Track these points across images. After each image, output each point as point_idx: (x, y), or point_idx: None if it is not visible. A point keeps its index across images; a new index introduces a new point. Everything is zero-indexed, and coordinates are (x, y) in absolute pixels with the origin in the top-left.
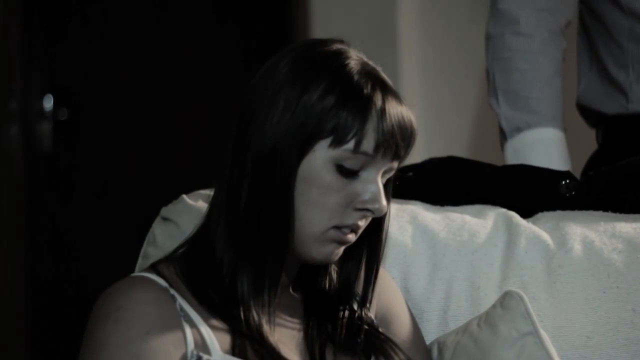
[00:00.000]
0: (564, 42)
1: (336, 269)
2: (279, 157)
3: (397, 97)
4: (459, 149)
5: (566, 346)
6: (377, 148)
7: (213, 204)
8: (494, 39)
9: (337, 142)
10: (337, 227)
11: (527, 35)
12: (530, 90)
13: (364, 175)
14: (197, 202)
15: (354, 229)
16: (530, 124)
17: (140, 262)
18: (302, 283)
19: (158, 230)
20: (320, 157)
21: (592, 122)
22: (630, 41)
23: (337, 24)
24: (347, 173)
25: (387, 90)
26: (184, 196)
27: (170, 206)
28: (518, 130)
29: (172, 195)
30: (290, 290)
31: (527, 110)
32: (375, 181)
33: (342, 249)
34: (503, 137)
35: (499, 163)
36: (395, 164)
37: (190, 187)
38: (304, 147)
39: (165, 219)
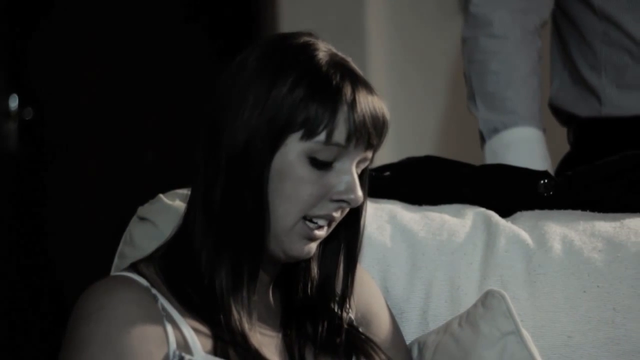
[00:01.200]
0: (539, 41)
1: (317, 269)
2: (251, 153)
3: (367, 86)
4: (428, 146)
5: (547, 345)
6: (349, 138)
7: (190, 203)
8: (468, 43)
9: (309, 135)
10: (307, 219)
11: (501, 37)
12: (505, 91)
13: (338, 166)
14: (174, 202)
15: (328, 220)
16: (506, 124)
17: (117, 262)
18: (283, 284)
19: (135, 229)
20: (293, 150)
21: (564, 122)
22: (603, 44)
23: (305, 21)
24: (321, 165)
25: (357, 81)
26: (161, 195)
27: (147, 205)
28: (495, 131)
29: (145, 195)
30: (270, 292)
31: (503, 111)
32: (349, 171)
33: (314, 244)
34: (482, 139)
35: (467, 160)
36: (369, 154)
37: (166, 186)
38: (276, 142)
39: (142, 219)
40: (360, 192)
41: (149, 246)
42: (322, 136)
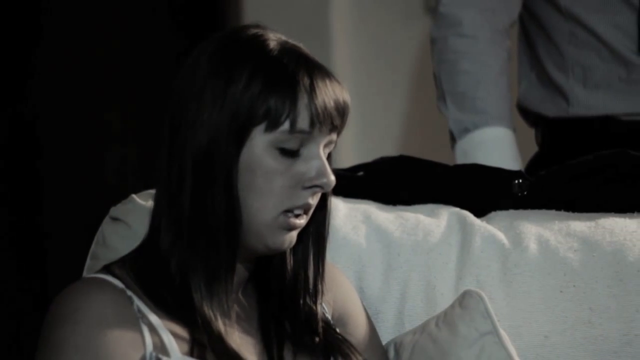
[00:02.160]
0: (508, 41)
1: (290, 256)
2: (216, 152)
3: (323, 70)
4: (394, 145)
5: (524, 346)
6: (312, 124)
7: (156, 207)
8: (438, 42)
9: (272, 126)
10: (288, 211)
11: (471, 37)
12: (476, 91)
13: (305, 152)
14: (147, 202)
15: (305, 209)
16: (477, 124)
17: (89, 263)
18: (257, 282)
19: (107, 230)
20: (259, 143)
21: (532, 123)
22: (570, 44)
23: (269, 20)
24: (289, 154)
25: (312, 65)
26: (134, 196)
27: (119, 206)
28: (466, 131)
29: (118, 196)
30: (245, 291)
31: (474, 111)
32: (318, 156)
33: (295, 233)
34: (452, 139)
35: (432, 159)
36: (334, 136)
37: (138, 187)
38: (241, 137)
39: (114, 219)
40: (332, 176)
41: (122, 247)
42: (285, 125)
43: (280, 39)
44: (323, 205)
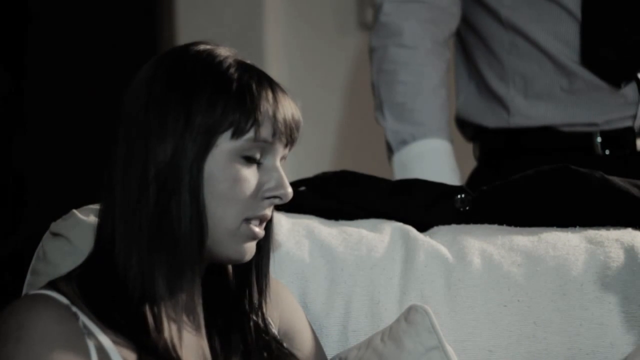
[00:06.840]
0: (448, 52)
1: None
2: (182, 160)
3: (279, 86)
4: (326, 160)
5: None
6: (274, 134)
7: (105, 220)
8: (377, 52)
9: (238, 133)
10: (248, 220)
11: (411, 47)
12: (414, 102)
13: (265, 163)
14: (89, 217)
15: (262, 219)
16: (415, 136)
17: (30, 279)
18: (204, 293)
19: (48, 245)
20: (224, 150)
21: (470, 136)
22: (511, 55)
23: (204, 35)
24: (251, 163)
25: (271, 80)
26: (75, 211)
27: (60, 221)
28: (404, 142)
29: (60, 211)
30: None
31: (412, 123)
32: (276, 168)
33: (254, 244)
34: (390, 150)
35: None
36: (287, 151)
37: (80, 202)
38: (206, 145)
39: (55, 235)
40: (289, 188)
41: (63, 262)
42: (250, 133)
43: (236, 55)
44: (267, 227)
